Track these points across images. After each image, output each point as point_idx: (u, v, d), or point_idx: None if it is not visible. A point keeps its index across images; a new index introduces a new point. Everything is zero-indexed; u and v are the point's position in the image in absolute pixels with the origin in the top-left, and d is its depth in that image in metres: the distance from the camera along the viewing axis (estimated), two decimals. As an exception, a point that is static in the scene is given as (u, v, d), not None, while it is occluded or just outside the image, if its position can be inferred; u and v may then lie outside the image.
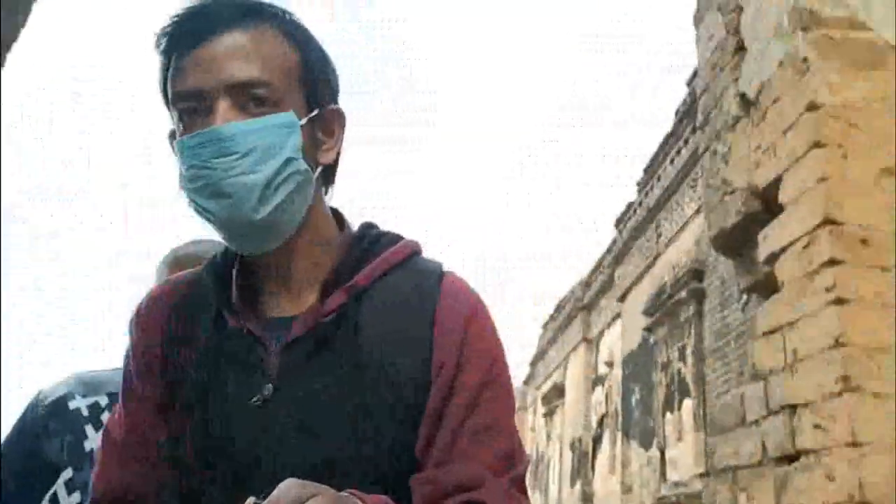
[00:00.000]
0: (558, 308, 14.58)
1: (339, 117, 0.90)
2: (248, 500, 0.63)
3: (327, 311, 0.84)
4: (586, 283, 11.64)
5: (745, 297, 4.75)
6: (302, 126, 0.83)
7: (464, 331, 0.85)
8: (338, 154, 0.90)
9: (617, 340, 9.55)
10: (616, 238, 10.50)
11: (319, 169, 0.87)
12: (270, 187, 0.80)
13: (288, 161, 0.80)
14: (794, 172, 2.68)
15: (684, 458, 7.46)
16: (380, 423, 0.81)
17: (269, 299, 0.88)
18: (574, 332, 12.18)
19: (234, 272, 0.90)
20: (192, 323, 0.89)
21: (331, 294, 0.85)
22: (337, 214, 0.94)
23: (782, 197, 2.76)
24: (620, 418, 8.91)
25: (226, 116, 0.78)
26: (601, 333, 11.01)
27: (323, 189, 0.90)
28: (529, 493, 1.01)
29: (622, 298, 9.07)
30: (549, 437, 14.78)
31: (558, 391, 12.40)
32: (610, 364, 9.80)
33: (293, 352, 0.84)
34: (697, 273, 7.51)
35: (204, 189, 0.79)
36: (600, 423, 10.29)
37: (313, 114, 0.85)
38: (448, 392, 0.83)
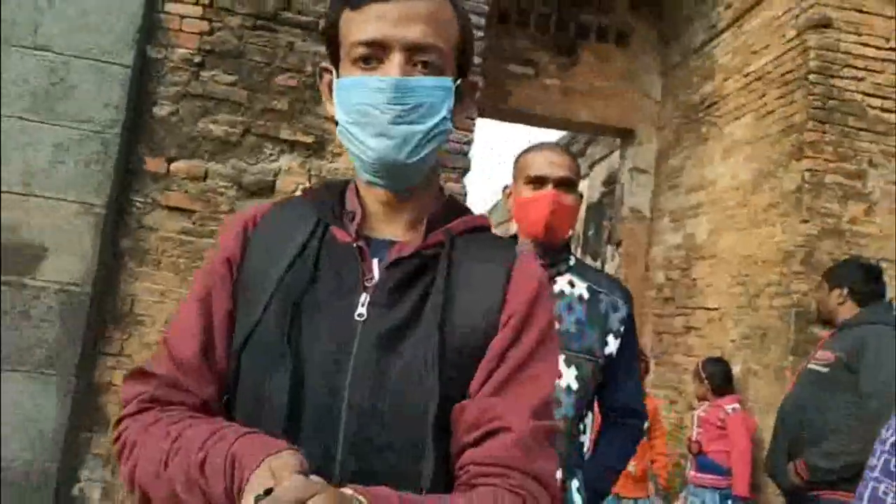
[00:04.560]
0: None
1: (474, 88, 0.96)
2: (250, 498, 0.65)
3: (428, 243, 0.90)
4: (569, 142, 15.37)
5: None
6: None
7: (535, 292, 0.90)
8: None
9: (585, 191, 13.79)
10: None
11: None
12: (426, 138, 0.86)
13: (443, 119, 0.87)
14: None
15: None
16: (453, 356, 0.85)
17: (374, 224, 0.93)
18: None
19: (346, 197, 0.95)
20: (287, 232, 0.92)
21: (433, 231, 0.90)
22: None
23: None
24: (581, 241, 13.32)
25: (402, 70, 0.84)
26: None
27: None
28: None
29: (592, 166, 13.32)
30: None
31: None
32: (578, 205, 14.27)
33: (393, 271, 0.88)
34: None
35: (371, 126, 0.85)
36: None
37: (458, 82, 0.90)
38: (514, 338, 0.87)
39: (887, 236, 4.09)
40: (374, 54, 0.85)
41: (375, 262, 0.89)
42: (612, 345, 1.76)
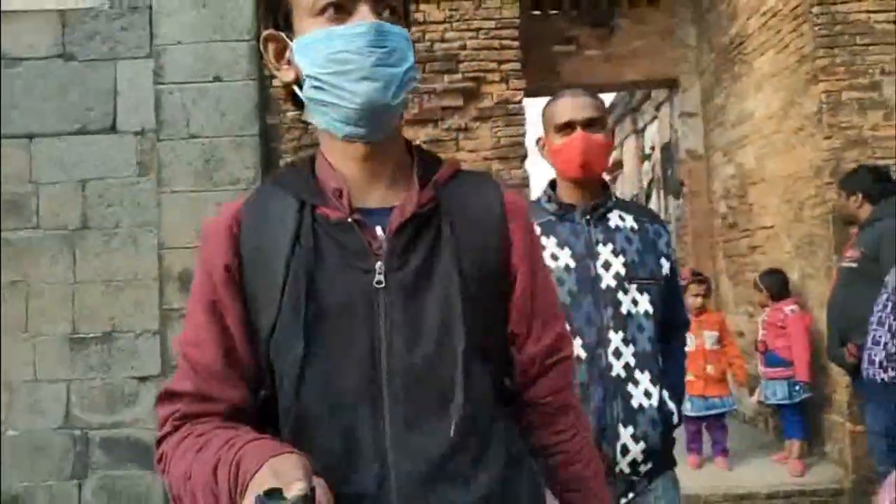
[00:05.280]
0: (611, 107, 18.76)
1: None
2: (251, 498, 0.64)
3: (423, 201, 0.91)
4: (631, 92, 15.50)
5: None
6: None
7: (526, 219, 0.98)
8: None
9: (655, 133, 14.04)
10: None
11: None
12: (403, 81, 0.89)
13: (412, 66, 0.90)
14: None
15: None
16: (480, 295, 0.89)
17: (359, 192, 0.92)
18: (626, 126, 16.37)
19: (319, 172, 0.94)
20: (275, 222, 0.91)
21: (423, 188, 0.92)
22: None
23: None
24: (661, 182, 13.73)
25: (373, 17, 0.86)
26: (645, 127, 15.18)
27: None
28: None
29: (658, 107, 13.62)
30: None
31: (618, 164, 17.58)
32: (652, 148, 14.55)
33: (399, 235, 0.89)
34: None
35: (353, 73, 0.85)
36: (649, 184, 15.07)
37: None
38: (532, 272, 0.94)
39: (908, 137, 4.58)
40: (343, 4, 0.87)
41: (378, 229, 0.91)
42: (666, 267, 1.90)
